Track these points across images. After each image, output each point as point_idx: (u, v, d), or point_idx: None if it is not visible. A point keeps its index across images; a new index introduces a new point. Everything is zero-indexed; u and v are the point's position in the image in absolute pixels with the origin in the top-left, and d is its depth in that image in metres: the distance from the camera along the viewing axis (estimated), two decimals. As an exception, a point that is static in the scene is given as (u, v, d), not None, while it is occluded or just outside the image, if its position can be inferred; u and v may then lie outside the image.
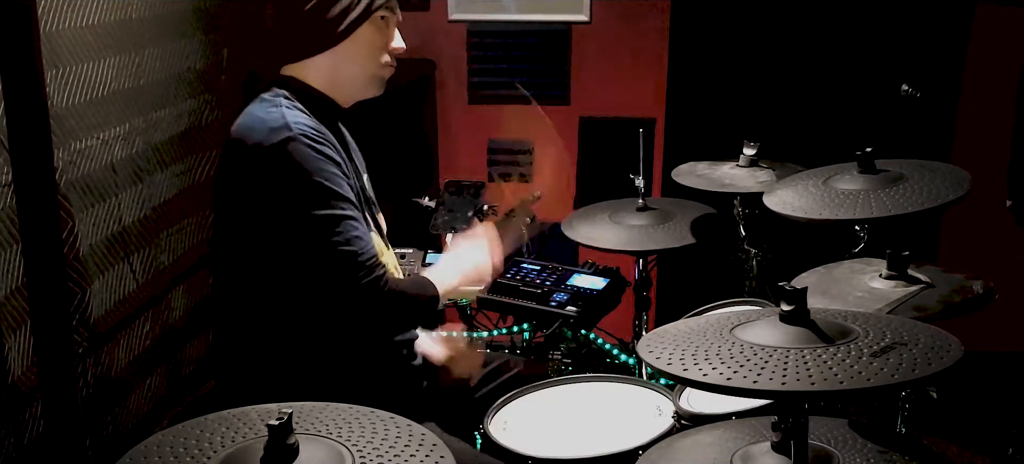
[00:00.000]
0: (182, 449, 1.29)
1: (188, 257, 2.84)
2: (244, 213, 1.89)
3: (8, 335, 1.98)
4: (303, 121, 1.86)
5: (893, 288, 1.98)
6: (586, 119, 3.87)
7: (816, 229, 1.99)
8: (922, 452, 1.55)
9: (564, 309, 2.45)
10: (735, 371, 1.28)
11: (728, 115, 3.68)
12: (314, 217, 1.80)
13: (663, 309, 3.65)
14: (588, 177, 3.93)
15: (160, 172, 2.65)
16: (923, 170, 2.04)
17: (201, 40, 2.86)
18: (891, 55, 3.55)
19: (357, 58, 1.99)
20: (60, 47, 2.14)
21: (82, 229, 2.26)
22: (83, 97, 2.25)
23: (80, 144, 2.25)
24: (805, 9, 3.62)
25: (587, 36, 3.82)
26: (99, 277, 2.35)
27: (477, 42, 3.86)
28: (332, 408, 1.40)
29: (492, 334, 3.13)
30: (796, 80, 3.67)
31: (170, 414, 2.70)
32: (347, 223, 1.83)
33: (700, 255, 2.65)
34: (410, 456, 1.28)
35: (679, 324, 1.55)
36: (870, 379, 1.24)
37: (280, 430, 1.21)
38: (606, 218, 2.70)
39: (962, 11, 3.59)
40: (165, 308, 2.72)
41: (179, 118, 2.76)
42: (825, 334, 1.35)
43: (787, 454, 1.38)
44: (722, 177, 2.67)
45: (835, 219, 1.94)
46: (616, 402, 2.11)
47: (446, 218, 3.08)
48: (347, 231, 1.82)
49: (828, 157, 2.23)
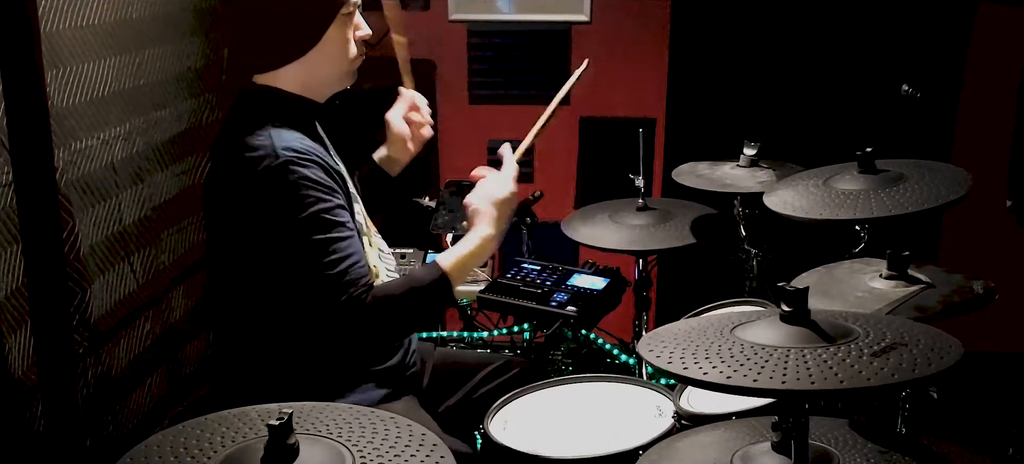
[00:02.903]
0: (182, 449, 1.29)
1: (188, 257, 2.83)
2: (234, 231, 1.92)
3: (8, 335, 1.98)
4: (291, 143, 1.87)
5: (893, 288, 1.98)
6: (586, 119, 3.87)
7: (816, 229, 1.99)
8: (922, 452, 1.55)
9: (564, 309, 2.44)
10: (735, 370, 1.28)
11: (728, 115, 3.68)
12: (301, 244, 1.83)
13: (663, 309, 3.65)
14: (588, 177, 3.93)
15: (160, 172, 2.65)
16: (923, 170, 2.04)
17: (201, 40, 2.86)
18: (891, 55, 3.55)
19: (327, 60, 2.00)
20: (60, 47, 2.14)
21: (82, 229, 2.26)
22: (83, 97, 2.25)
23: (80, 144, 2.25)
24: (805, 9, 3.62)
25: (587, 36, 3.82)
26: (99, 277, 2.35)
27: (477, 42, 3.86)
28: (332, 408, 1.40)
29: (492, 334, 3.13)
30: (796, 80, 3.67)
31: (170, 414, 2.70)
32: (336, 246, 1.84)
33: (700, 255, 2.66)
34: (410, 456, 1.28)
35: (679, 324, 1.55)
36: (870, 379, 1.24)
37: (280, 430, 1.21)
38: (606, 218, 2.70)
39: (963, 11, 3.59)
40: (165, 308, 2.72)
41: (179, 118, 2.76)
42: (825, 334, 1.35)
43: (787, 454, 1.38)
44: (722, 177, 2.67)
45: (835, 219, 1.94)
46: (616, 402, 2.10)
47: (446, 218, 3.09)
48: (335, 253, 1.83)
49: (828, 157, 2.23)
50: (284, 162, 1.83)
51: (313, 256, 1.82)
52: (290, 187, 1.82)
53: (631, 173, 2.71)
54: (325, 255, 1.83)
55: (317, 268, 1.82)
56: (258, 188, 1.83)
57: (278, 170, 1.82)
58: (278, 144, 1.85)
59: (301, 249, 1.83)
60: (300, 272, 1.85)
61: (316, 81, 2.02)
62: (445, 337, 3.14)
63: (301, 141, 1.90)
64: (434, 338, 3.05)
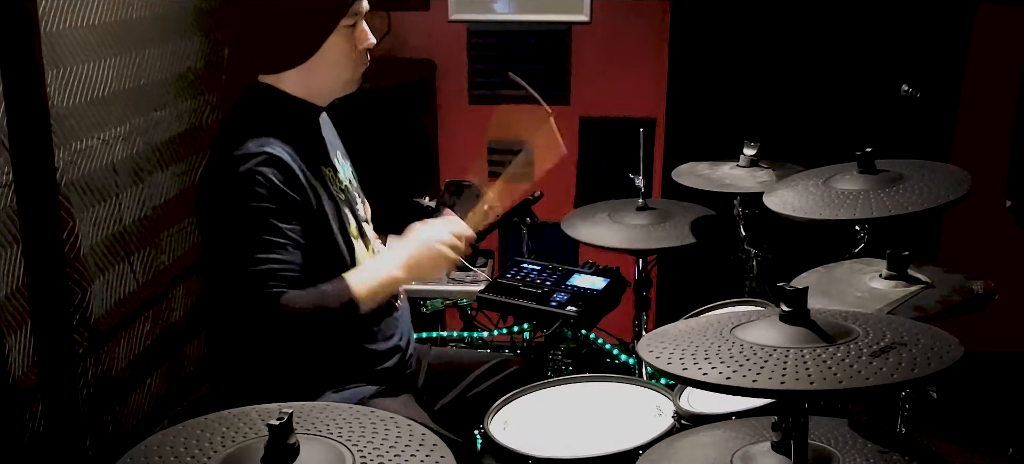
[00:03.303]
0: (182, 449, 1.29)
1: (188, 257, 2.84)
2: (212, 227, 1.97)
3: (9, 335, 1.98)
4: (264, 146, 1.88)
5: (893, 288, 1.98)
6: (586, 119, 3.87)
7: (816, 229, 1.99)
8: (922, 452, 1.55)
9: (564, 309, 2.44)
10: (735, 371, 1.28)
11: (728, 115, 3.68)
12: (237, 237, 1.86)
13: (663, 309, 3.65)
14: (588, 177, 3.93)
15: (160, 172, 2.65)
16: (923, 170, 2.04)
17: (201, 40, 2.86)
18: (891, 55, 3.55)
19: (328, 67, 2.01)
20: (61, 47, 2.14)
21: (82, 229, 2.26)
22: (84, 97, 2.25)
23: (81, 144, 2.25)
24: (805, 9, 3.62)
25: (587, 36, 3.82)
26: (99, 277, 2.35)
27: (477, 42, 3.86)
28: (332, 408, 1.40)
29: (492, 334, 3.13)
30: (796, 80, 3.66)
31: (170, 414, 2.70)
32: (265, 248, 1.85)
33: (700, 255, 2.66)
34: (410, 456, 1.28)
35: (679, 324, 1.55)
36: (870, 379, 1.24)
37: (280, 430, 1.21)
38: (606, 218, 2.70)
39: (963, 11, 3.59)
40: (165, 308, 2.72)
41: (179, 118, 2.76)
42: (825, 334, 1.35)
43: (787, 454, 1.38)
44: (722, 177, 2.67)
45: (835, 219, 1.94)
46: (616, 402, 2.10)
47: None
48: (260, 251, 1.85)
49: (828, 157, 2.23)
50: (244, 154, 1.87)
51: (241, 249, 1.85)
52: (240, 180, 1.85)
53: (631, 173, 2.71)
54: (253, 251, 1.84)
55: (241, 263, 1.85)
56: (216, 179, 1.90)
57: (236, 161, 1.86)
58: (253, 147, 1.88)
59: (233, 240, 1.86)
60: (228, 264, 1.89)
61: (317, 86, 2.03)
62: (445, 337, 3.14)
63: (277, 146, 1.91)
64: (433, 338, 3.05)
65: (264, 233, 1.85)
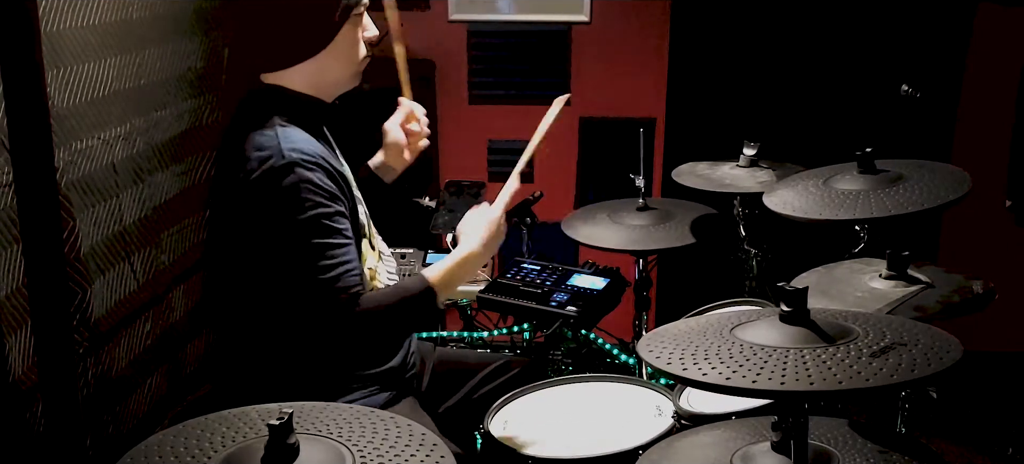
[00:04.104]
0: (182, 449, 1.29)
1: (189, 257, 2.83)
2: (236, 229, 1.94)
3: (9, 335, 1.98)
4: (298, 144, 1.87)
5: (893, 288, 1.98)
6: (586, 119, 3.87)
7: (816, 229, 1.99)
8: (922, 452, 1.55)
9: (564, 309, 2.44)
10: (735, 371, 1.28)
11: (728, 115, 3.68)
12: (297, 246, 1.84)
13: (663, 309, 3.65)
14: (588, 177, 3.93)
15: (161, 172, 2.65)
16: (923, 170, 2.04)
17: (201, 40, 2.86)
18: (891, 55, 3.55)
19: (339, 59, 2.00)
20: (61, 47, 2.14)
21: (83, 229, 2.26)
22: (84, 97, 2.25)
23: (81, 144, 2.25)
24: (805, 9, 3.62)
25: (587, 36, 3.82)
26: (100, 277, 2.35)
27: (477, 42, 3.86)
28: (332, 408, 1.40)
29: (492, 334, 3.13)
30: (796, 80, 3.67)
31: (170, 414, 2.70)
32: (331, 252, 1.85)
33: (700, 255, 2.66)
34: (410, 456, 1.28)
35: (679, 324, 1.55)
36: (870, 379, 1.24)
37: (280, 430, 1.21)
38: (606, 218, 2.70)
39: (963, 11, 3.59)
40: (165, 308, 2.72)
41: (180, 118, 2.76)
42: (825, 334, 1.35)
43: (787, 454, 1.38)
44: (722, 177, 2.67)
45: (835, 219, 1.94)
46: (616, 402, 2.11)
47: (446, 218, 3.09)
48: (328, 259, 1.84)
49: (828, 157, 2.23)
50: (288, 163, 1.83)
51: (307, 260, 1.83)
52: (292, 189, 1.82)
53: (631, 173, 2.71)
54: (319, 259, 1.83)
55: (310, 272, 1.83)
56: (261, 187, 1.84)
57: (282, 171, 1.83)
58: (285, 144, 1.86)
59: (297, 252, 1.84)
60: (294, 274, 1.86)
61: (325, 81, 2.02)
62: (445, 337, 3.14)
63: (308, 142, 1.90)
64: (434, 338, 3.05)
65: (324, 237, 1.84)
